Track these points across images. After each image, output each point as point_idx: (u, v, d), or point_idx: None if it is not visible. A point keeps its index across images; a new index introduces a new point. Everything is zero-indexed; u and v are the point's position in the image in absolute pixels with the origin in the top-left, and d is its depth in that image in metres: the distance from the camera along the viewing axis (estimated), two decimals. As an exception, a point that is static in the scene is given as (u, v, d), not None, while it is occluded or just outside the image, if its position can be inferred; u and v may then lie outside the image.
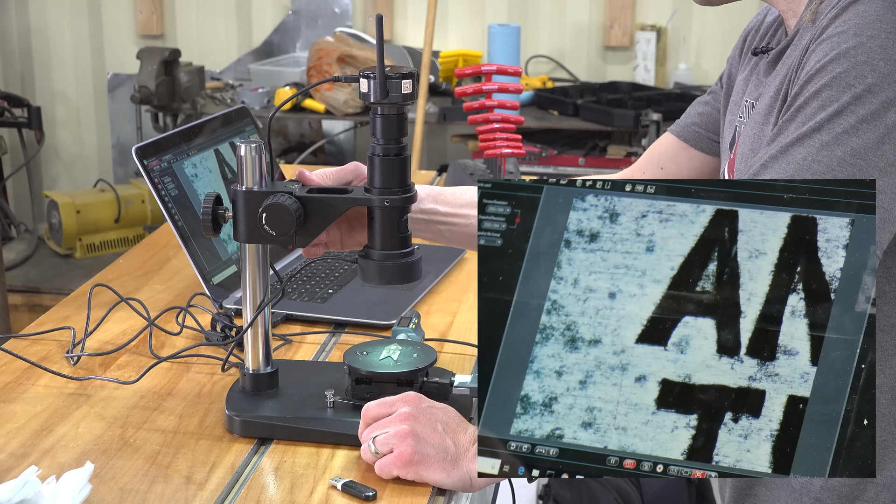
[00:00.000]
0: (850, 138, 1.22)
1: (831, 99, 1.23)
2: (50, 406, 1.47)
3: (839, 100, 1.22)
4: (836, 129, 1.22)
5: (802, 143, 1.24)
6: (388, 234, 1.38)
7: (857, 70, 1.22)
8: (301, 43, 4.35)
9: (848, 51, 1.23)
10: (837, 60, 1.23)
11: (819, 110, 1.23)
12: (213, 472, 1.32)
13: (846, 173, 1.21)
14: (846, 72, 1.23)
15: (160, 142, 1.78)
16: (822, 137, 1.23)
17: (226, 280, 1.79)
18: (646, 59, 4.09)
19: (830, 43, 1.25)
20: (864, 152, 1.21)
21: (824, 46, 1.25)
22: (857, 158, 1.21)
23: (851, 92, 1.22)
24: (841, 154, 1.22)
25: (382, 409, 1.33)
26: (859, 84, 1.22)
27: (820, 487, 1.36)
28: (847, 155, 1.21)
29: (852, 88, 1.22)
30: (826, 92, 1.23)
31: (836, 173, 1.21)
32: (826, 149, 1.22)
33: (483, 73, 2.26)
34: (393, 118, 1.35)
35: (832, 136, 1.22)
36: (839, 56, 1.23)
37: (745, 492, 1.42)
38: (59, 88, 4.55)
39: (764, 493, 1.40)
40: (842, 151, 1.22)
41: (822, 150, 1.22)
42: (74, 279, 3.75)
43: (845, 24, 1.25)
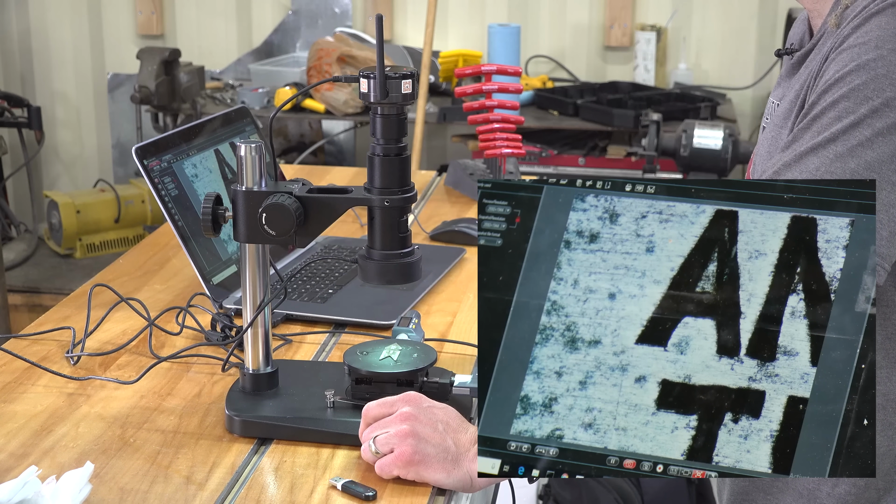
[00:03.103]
0: (865, 151, 1.21)
1: (848, 111, 1.22)
2: (50, 406, 1.47)
3: (856, 112, 1.22)
4: (851, 141, 1.22)
5: (816, 153, 1.23)
6: (388, 234, 1.38)
7: (875, 83, 1.22)
8: (301, 43, 4.35)
9: (868, 63, 1.22)
10: (857, 72, 1.23)
11: (835, 121, 1.23)
12: (213, 472, 1.32)
13: None
14: (864, 84, 1.22)
15: (160, 142, 1.79)
16: (836, 148, 1.22)
17: (226, 280, 1.79)
18: (646, 59, 4.09)
19: (850, 53, 1.24)
20: (877, 166, 1.21)
21: (844, 56, 1.25)
22: (870, 171, 1.21)
23: (869, 105, 1.22)
24: (854, 166, 1.21)
25: (383, 409, 1.33)
26: (877, 97, 1.21)
27: (826, 494, 1.35)
28: (860, 167, 1.21)
29: (870, 101, 1.22)
30: (843, 103, 1.23)
31: None
32: (840, 160, 1.22)
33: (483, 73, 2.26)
34: (393, 118, 1.35)
35: (847, 147, 1.22)
36: (858, 68, 1.23)
37: (742, 497, 1.42)
38: (59, 88, 4.55)
39: (763, 498, 1.39)
40: (855, 164, 1.21)
41: (835, 161, 1.22)
42: (74, 279, 3.75)
43: (867, 34, 1.24)
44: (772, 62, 4.08)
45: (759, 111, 4.17)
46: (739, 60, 4.16)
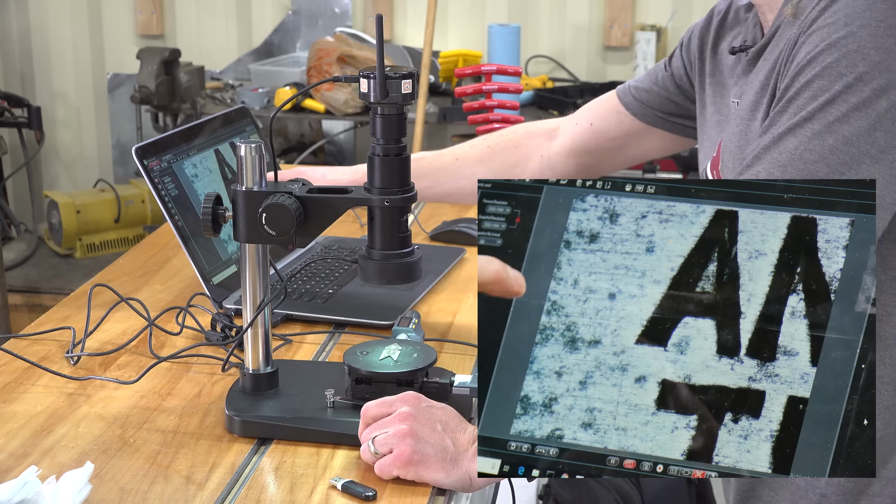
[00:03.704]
0: (842, 126, 1.22)
1: (822, 89, 1.24)
2: (50, 406, 1.47)
3: (830, 89, 1.23)
4: (828, 117, 1.23)
5: (794, 133, 1.24)
6: (388, 234, 1.38)
7: (847, 59, 1.23)
8: (301, 43, 4.35)
9: (838, 41, 1.24)
10: (828, 51, 1.24)
11: (810, 100, 1.24)
12: (213, 472, 1.32)
13: (838, 161, 1.22)
14: (837, 61, 1.23)
15: (160, 142, 1.79)
16: (813, 126, 1.23)
17: (226, 280, 1.79)
18: (646, 59, 4.09)
19: (821, 34, 1.25)
20: (855, 140, 1.22)
21: (814, 38, 1.26)
22: (848, 146, 1.22)
23: (843, 81, 1.23)
24: (833, 142, 1.22)
25: (382, 409, 1.33)
26: (850, 73, 1.23)
27: (825, 483, 1.36)
28: (839, 143, 1.22)
29: (843, 78, 1.23)
30: (817, 82, 1.24)
31: (827, 161, 1.22)
32: (818, 137, 1.23)
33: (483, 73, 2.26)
34: (393, 118, 1.35)
35: (823, 124, 1.23)
36: (830, 46, 1.24)
37: (749, 493, 1.42)
38: (59, 88, 4.55)
39: (768, 493, 1.40)
40: (833, 139, 1.22)
41: (813, 138, 1.23)
42: (74, 279, 3.75)
43: (835, 14, 1.25)
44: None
45: (759, 111, 4.17)
46: (739, 60, 4.16)
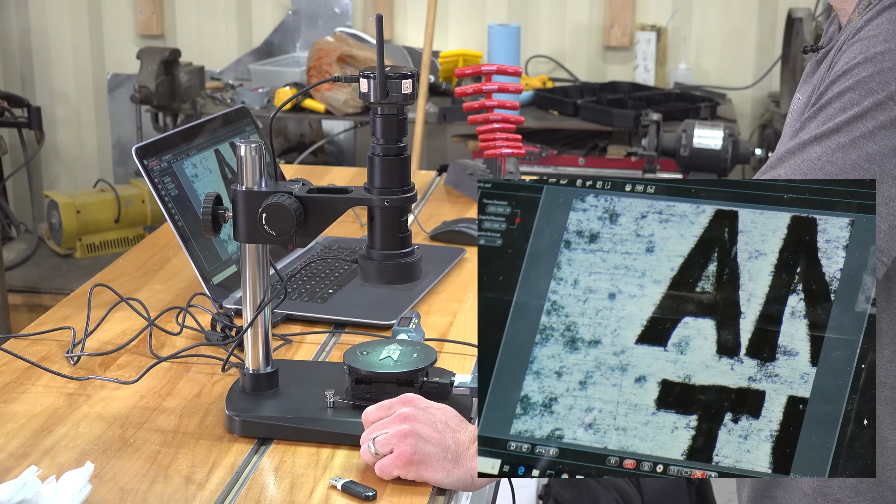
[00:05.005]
0: (867, 143, 1.22)
1: (853, 102, 1.23)
2: (50, 406, 1.47)
3: (861, 104, 1.23)
4: (854, 132, 1.22)
5: (819, 143, 1.24)
6: (388, 234, 1.38)
7: (882, 76, 1.23)
8: (301, 43, 4.35)
9: (875, 56, 1.23)
10: (864, 64, 1.24)
11: (840, 112, 1.24)
12: (213, 472, 1.32)
13: (858, 176, 1.21)
14: (871, 77, 1.23)
15: (160, 142, 1.78)
16: (839, 139, 1.23)
17: (226, 280, 1.79)
18: (646, 59, 4.09)
19: (860, 46, 1.25)
20: (879, 158, 1.22)
21: (854, 49, 1.26)
22: (871, 164, 1.22)
23: (873, 97, 1.22)
24: (856, 157, 1.22)
25: (381, 412, 1.33)
26: (882, 90, 1.22)
27: (838, 487, 1.35)
28: (861, 159, 1.22)
29: (875, 94, 1.22)
30: (849, 94, 1.24)
31: (848, 175, 1.22)
32: (841, 150, 1.23)
33: (483, 73, 2.26)
34: (393, 118, 1.35)
35: (849, 138, 1.22)
36: (866, 60, 1.24)
37: (763, 493, 1.42)
38: (59, 88, 4.55)
39: (782, 494, 1.39)
40: (857, 155, 1.22)
41: (837, 151, 1.23)
42: (74, 279, 3.75)
43: (877, 27, 1.25)
44: (772, 62, 4.08)
45: (758, 111, 4.18)
46: (739, 60, 4.16)
